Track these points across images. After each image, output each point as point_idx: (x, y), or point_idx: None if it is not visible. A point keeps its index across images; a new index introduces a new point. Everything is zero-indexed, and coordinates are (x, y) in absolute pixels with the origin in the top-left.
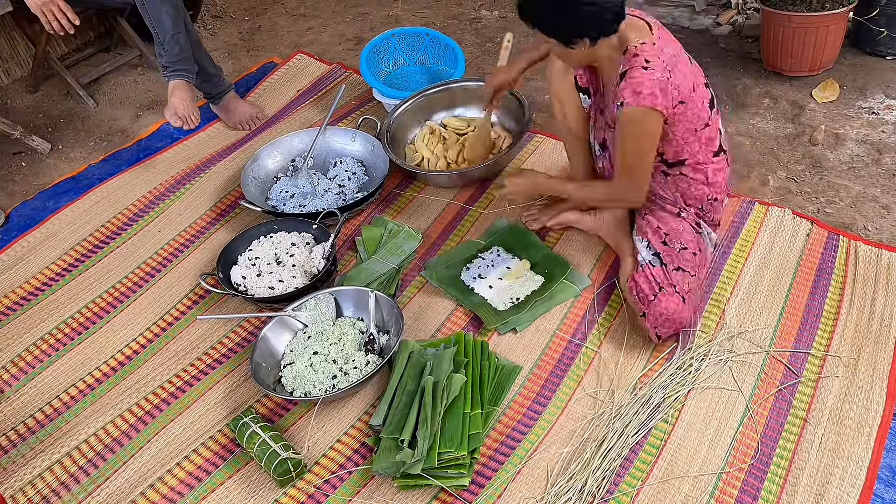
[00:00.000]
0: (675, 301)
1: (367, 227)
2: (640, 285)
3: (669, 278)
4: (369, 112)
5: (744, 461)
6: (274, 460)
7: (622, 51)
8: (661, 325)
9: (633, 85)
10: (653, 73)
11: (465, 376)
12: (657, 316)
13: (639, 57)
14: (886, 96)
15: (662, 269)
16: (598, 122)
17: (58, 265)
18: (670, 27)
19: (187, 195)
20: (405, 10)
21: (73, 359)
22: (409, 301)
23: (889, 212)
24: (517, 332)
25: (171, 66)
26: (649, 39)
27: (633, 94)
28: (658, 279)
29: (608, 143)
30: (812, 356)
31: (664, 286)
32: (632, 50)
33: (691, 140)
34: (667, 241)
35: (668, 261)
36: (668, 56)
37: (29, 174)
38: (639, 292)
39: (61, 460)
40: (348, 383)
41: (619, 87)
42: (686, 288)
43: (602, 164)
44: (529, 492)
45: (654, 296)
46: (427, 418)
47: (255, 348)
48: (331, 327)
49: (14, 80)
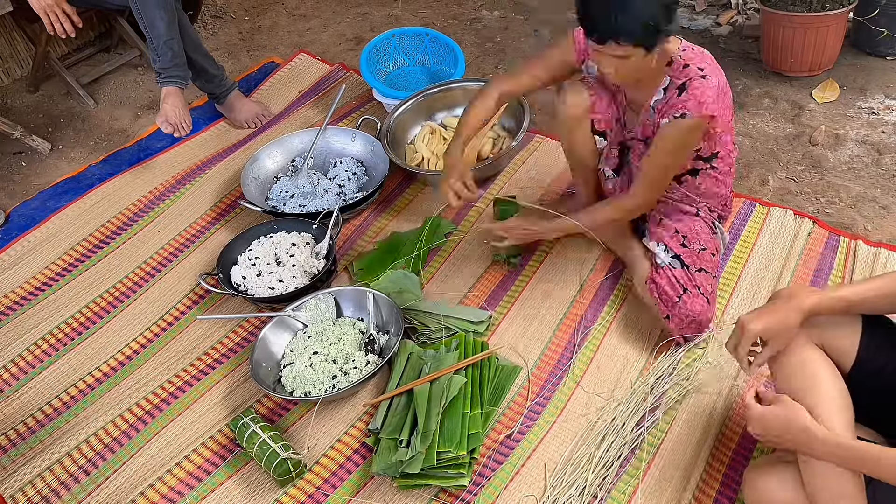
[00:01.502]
0: (701, 302)
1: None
2: (663, 287)
3: (693, 279)
4: (369, 112)
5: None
6: (274, 460)
7: (666, 59)
8: (687, 327)
9: (698, 96)
10: (710, 80)
11: (465, 377)
12: (682, 317)
13: (690, 67)
14: (886, 96)
15: (685, 270)
16: (610, 153)
17: (58, 265)
18: None
19: (187, 195)
20: (405, 10)
21: (73, 359)
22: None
23: (889, 212)
24: None
25: (163, 72)
26: (684, 45)
27: (698, 105)
28: (681, 280)
29: (625, 165)
30: None
31: (688, 287)
32: (678, 61)
33: (726, 131)
34: (685, 242)
35: (690, 262)
36: (711, 62)
37: (29, 174)
38: (661, 294)
39: (61, 460)
40: (348, 383)
41: (677, 98)
42: (709, 289)
43: (612, 186)
44: (528, 491)
45: (678, 297)
46: (423, 418)
47: (254, 348)
48: (331, 327)
49: (14, 80)
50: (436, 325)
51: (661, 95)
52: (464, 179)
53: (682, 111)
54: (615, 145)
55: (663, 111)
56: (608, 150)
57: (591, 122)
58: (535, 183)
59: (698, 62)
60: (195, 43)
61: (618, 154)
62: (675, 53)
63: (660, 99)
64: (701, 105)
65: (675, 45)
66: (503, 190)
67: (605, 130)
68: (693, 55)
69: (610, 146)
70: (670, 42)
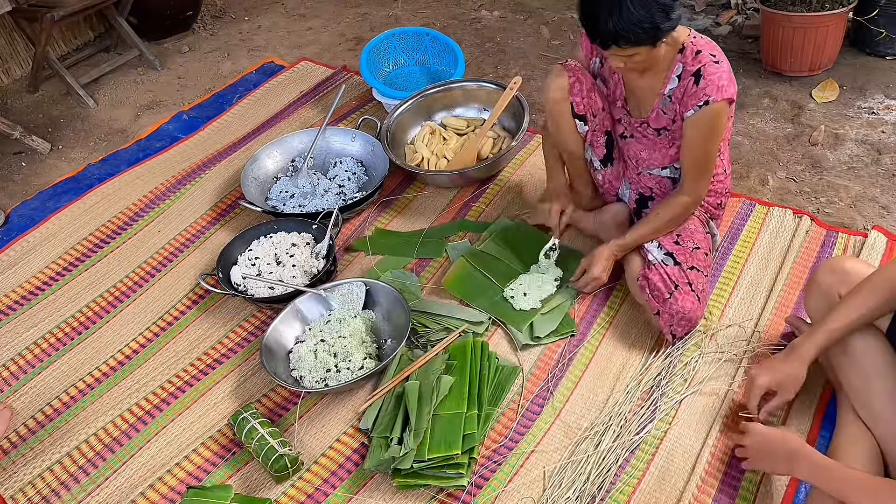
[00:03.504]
0: (692, 299)
1: None
2: (655, 283)
3: (686, 276)
4: (369, 112)
5: None
6: (271, 456)
7: (677, 47)
8: (677, 324)
9: (715, 80)
10: (722, 64)
11: (454, 376)
12: (672, 314)
13: (703, 53)
14: (886, 96)
15: (677, 267)
16: (596, 141)
17: (58, 265)
18: None
19: (187, 195)
20: (405, 10)
21: (73, 358)
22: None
23: (889, 212)
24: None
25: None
26: (690, 32)
27: (718, 89)
28: (674, 277)
29: (613, 156)
30: None
31: (680, 284)
32: (690, 47)
33: (728, 126)
34: (679, 241)
35: (683, 259)
36: (717, 47)
37: (29, 174)
38: (653, 290)
39: (61, 460)
40: (337, 383)
41: (694, 86)
42: (700, 287)
43: (602, 178)
44: (528, 491)
45: (669, 294)
46: (415, 415)
47: (266, 335)
48: (351, 318)
49: (14, 80)
50: (436, 326)
51: (675, 83)
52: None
53: (706, 98)
54: (601, 133)
55: (683, 101)
56: (593, 137)
57: (570, 104)
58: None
59: (710, 49)
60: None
61: (604, 144)
62: (687, 40)
63: (674, 87)
64: (721, 89)
65: (684, 33)
66: (502, 190)
67: (584, 114)
68: (700, 41)
69: (595, 134)
70: (678, 31)
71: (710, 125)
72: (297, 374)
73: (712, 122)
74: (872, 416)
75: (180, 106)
